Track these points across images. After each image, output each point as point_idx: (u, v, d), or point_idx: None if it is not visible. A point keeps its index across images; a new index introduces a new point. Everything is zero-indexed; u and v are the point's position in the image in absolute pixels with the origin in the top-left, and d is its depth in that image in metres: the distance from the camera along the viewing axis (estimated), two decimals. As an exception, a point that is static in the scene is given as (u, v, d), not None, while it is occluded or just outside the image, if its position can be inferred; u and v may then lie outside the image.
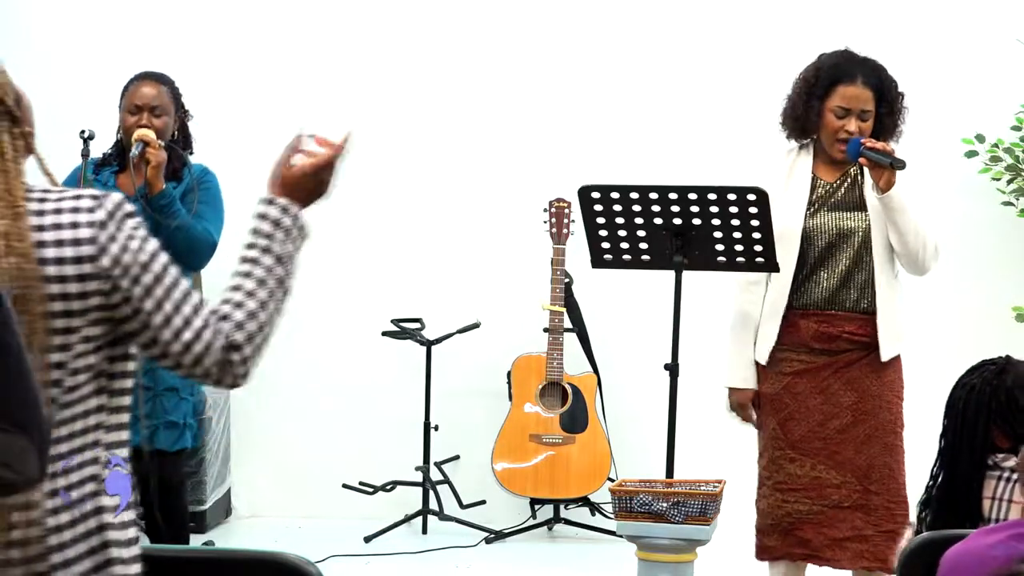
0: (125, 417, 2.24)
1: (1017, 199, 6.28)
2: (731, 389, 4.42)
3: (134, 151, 4.56)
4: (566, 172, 6.34)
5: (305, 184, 2.35)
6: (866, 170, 4.27)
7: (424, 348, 6.34)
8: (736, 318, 4.40)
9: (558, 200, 6.30)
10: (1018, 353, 3.31)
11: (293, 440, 6.63)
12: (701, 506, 3.90)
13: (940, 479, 3.16)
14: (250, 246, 2.28)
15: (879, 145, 4.19)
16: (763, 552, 4.40)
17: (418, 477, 6.30)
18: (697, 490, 3.96)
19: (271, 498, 6.69)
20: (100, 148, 4.83)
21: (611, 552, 5.62)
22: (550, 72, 6.66)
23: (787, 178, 4.32)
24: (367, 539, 6.10)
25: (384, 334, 6.38)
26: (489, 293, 6.59)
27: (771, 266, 4.28)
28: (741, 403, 4.41)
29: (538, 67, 6.66)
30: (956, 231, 6.51)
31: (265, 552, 2.55)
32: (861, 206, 4.30)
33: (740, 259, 4.29)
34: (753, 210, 4.22)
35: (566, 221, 6.27)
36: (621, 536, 4.05)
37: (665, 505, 3.90)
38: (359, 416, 6.63)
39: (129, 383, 2.24)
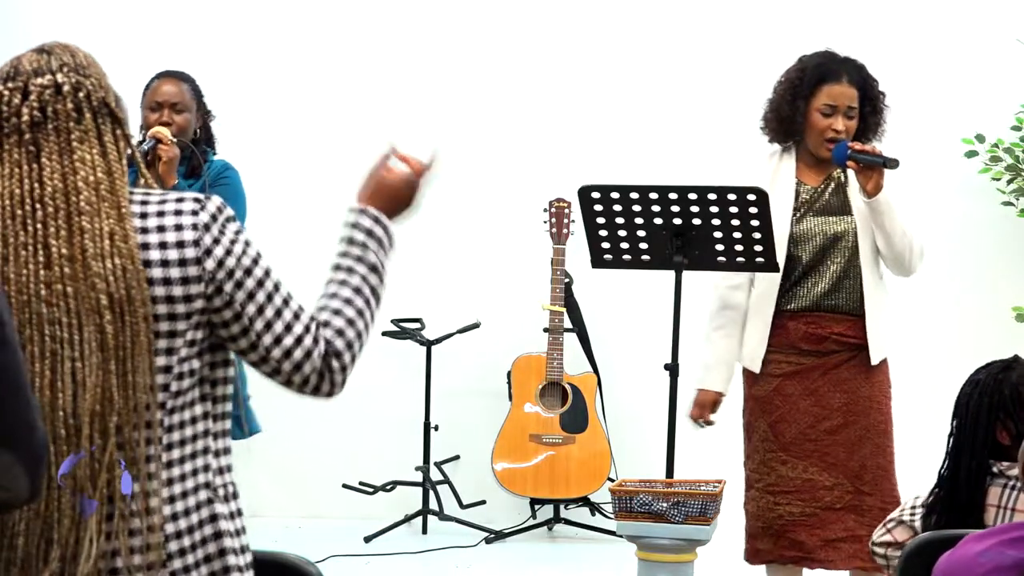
0: (228, 424, 2.22)
1: (1017, 199, 6.28)
2: (699, 389, 4.42)
3: (145, 146, 4.57)
4: (566, 172, 6.34)
5: (397, 197, 2.38)
6: (851, 173, 4.28)
7: (424, 348, 6.34)
8: (715, 320, 4.40)
9: (558, 200, 6.31)
10: (1019, 353, 3.32)
11: (293, 440, 6.63)
12: (701, 506, 3.89)
13: (945, 478, 3.16)
14: (344, 254, 2.28)
15: (867, 147, 4.20)
16: (754, 556, 4.40)
17: (418, 477, 6.31)
18: (697, 490, 3.95)
19: (271, 498, 6.69)
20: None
21: (611, 552, 5.62)
22: (550, 72, 6.66)
23: (771, 183, 4.32)
24: (367, 539, 6.10)
25: (384, 334, 6.38)
26: (489, 293, 6.59)
27: (771, 266, 4.28)
28: (703, 403, 4.40)
29: (538, 67, 6.66)
30: (956, 231, 6.52)
31: (265, 552, 2.54)
32: (847, 210, 4.31)
33: (740, 259, 4.28)
34: (753, 210, 4.22)
35: (566, 221, 6.27)
36: (621, 536, 4.04)
37: (665, 505, 3.89)
38: (359, 416, 6.62)
39: (230, 389, 2.22)
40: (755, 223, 4.22)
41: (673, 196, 4.26)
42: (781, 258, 4.29)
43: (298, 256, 6.32)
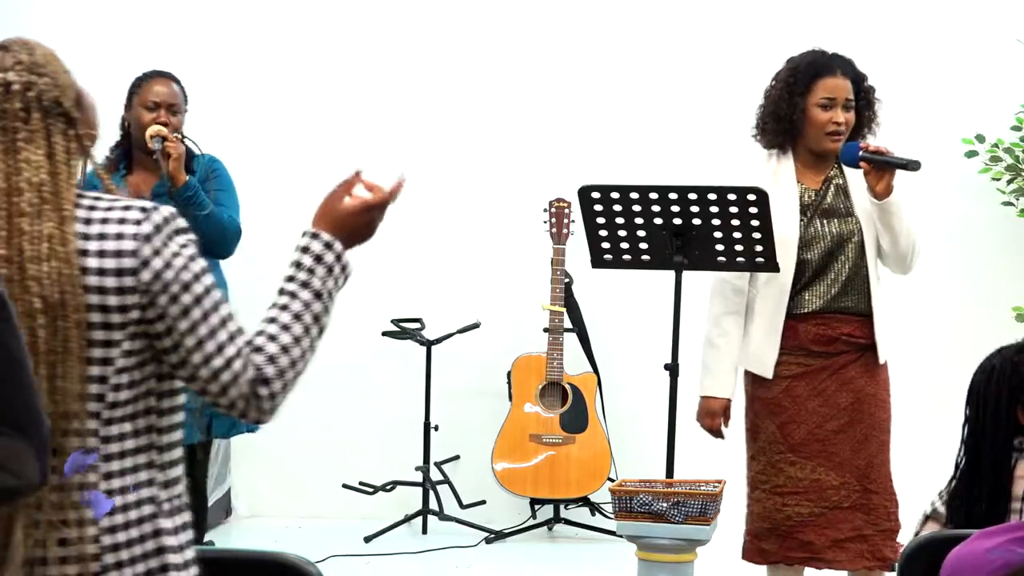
0: (177, 436, 2.19)
1: (1017, 199, 6.28)
2: (705, 397, 4.39)
3: (155, 146, 4.58)
4: (566, 172, 6.34)
5: (351, 224, 2.30)
6: (849, 173, 4.28)
7: (424, 348, 6.34)
8: (711, 328, 4.38)
9: (558, 200, 6.30)
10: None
11: (293, 440, 6.63)
12: (701, 506, 3.89)
13: (964, 464, 3.15)
14: (289, 279, 2.22)
15: (881, 148, 4.19)
16: (758, 555, 4.39)
17: (418, 477, 6.30)
18: (697, 490, 3.95)
19: (271, 498, 6.69)
20: (101, 150, 4.82)
21: (611, 552, 5.62)
22: (550, 72, 6.66)
23: (772, 186, 4.32)
24: (367, 539, 6.10)
25: (384, 334, 6.38)
26: (489, 293, 6.59)
27: (771, 266, 4.28)
28: (713, 411, 4.38)
29: (538, 67, 6.66)
30: (956, 231, 6.52)
31: (265, 552, 2.55)
32: (851, 211, 4.31)
33: (740, 259, 4.28)
34: (753, 210, 4.22)
35: (566, 221, 6.27)
36: (621, 536, 4.04)
37: (665, 505, 3.89)
38: (359, 416, 6.63)
39: (179, 400, 2.19)
40: (755, 223, 4.22)
41: (673, 196, 4.26)
42: (792, 262, 4.28)
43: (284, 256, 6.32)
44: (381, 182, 2.35)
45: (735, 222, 4.23)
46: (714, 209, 4.24)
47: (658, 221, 4.29)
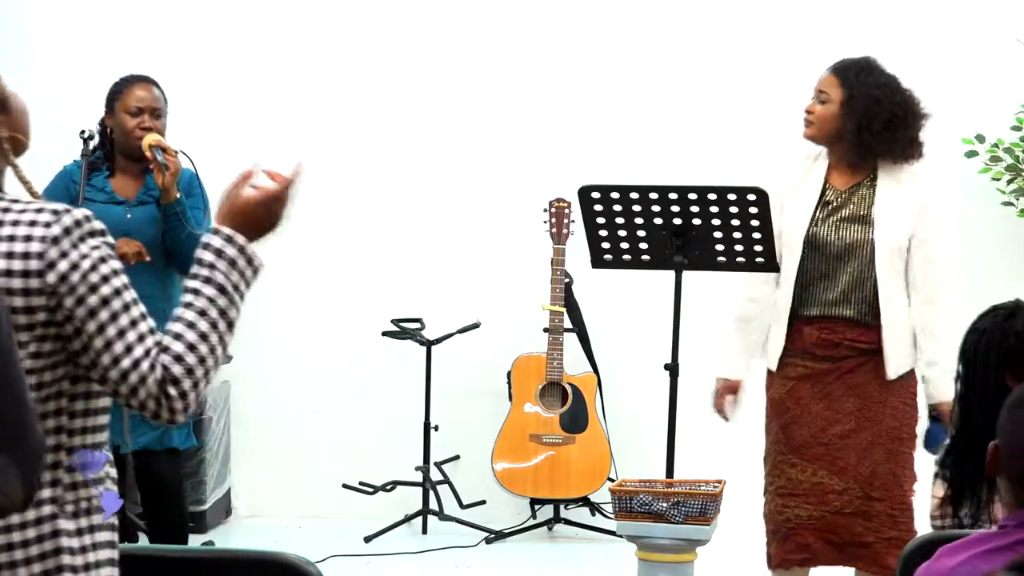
0: (97, 438, 2.18)
1: (1017, 199, 6.28)
2: (719, 378, 4.49)
3: (160, 158, 4.54)
4: (566, 172, 6.34)
5: (253, 215, 2.26)
6: (881, 182, 4.30)
7: (424, 348, 6.34)
8: (737, 314, 4.47)
9: (558, 200, 6.30)
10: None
11: (293, 440, 6.63)
12: (701, 506, 3.89)
13: (958, 422, 3.15)
14: (193, 276, 2.20)
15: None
16: (768, 560, 4.40)
17: (418, 477, 6.30)
18: (697, 490, 3.95)
19: (271, 498, 6.69)
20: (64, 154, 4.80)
21: (611, 552, 5.62)
22: (550, 72, 6.66)
23: (798, 185, 4.33)
24: (367, 539, 6.10)
25: (384, 334, 6.38)
26: (489, 293, 6.59)
27: (771, 266, 4.28)
28: (720, 390, 4.47)
29: (538, 67, 6.66)
30: (956, 231, 6.51)
31: (265, 552, 2.55)
32: (868, 220, 4.30)
33: (740, 259, 4.28)
34: (753, 210, 4.22)
35: (566, 221, 6.27)
36: (621, 536, 4.04)
37: (665, 505, 3.89)
38: (359, 416, 6.62)
39: (100, 402, 2.18)
40: (755, 223, 4.23)
41: (673, 196, 4.26)
42: (796, 260, 4.29)
43: (293, 261, 6.32)
44: (281, 170, 2.32)
45: (735, 222, 4.23)
46: (714, 209, 4.25)
47: (658, 221, 4.29)
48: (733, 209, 4.23)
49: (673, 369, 4.29)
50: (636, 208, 4.30)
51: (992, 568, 2.19)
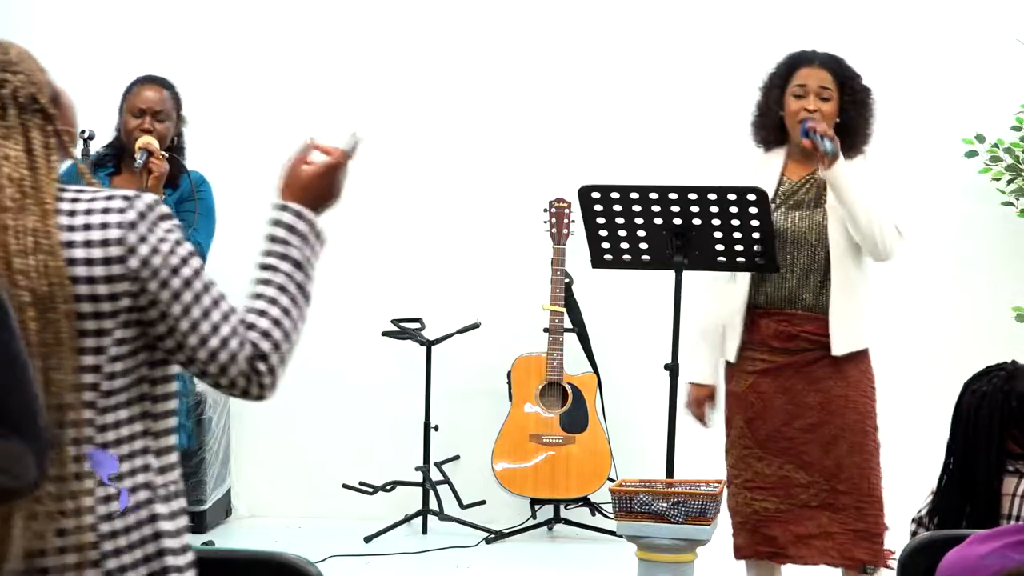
0: (172, 422, 2.21)
1: (1017, 199, 6.28)
2: (691, 384, 4.44)
3: (139, 160, 4.54)
4: (566, 172, 6.34)
5: (315, 188, 2.29)
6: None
7: (424, 348, 6.34)
8: (699, 316, 4.44)
9: (558, 200, 6.30)
10: (1018, 353, 3.31)
11: (293, 440, 6.63)
12: (701, 506, 3.90)
13: (949, 484, 3.15)
14: (267, 253, 2.23)
15: (820, 128, 4.18)
16: (736, 551, 4.43)
17: (418, 477, 6.30)
18: (697, 490, 3.96)
19: (271, 498, 6.69)
20: (96, 149, 4.82)
21: (611, 552, 5.61)
22: (550, 72, 6.66)
23: (755, 177, 4.33)
24: (367, 539, 6.10)
25: (384, 334, 6.38)
26: (489, 293, 6.59)
27: (771, 266, 4.28)
28: (697, 399, 4.43)
29: (538, 67, 6.66)
30: (956, 231, 6.52)
31: (265, 552, 2.55)
32: (819, 204, 4.32)
33: (740, 259, 4.29)
34: (753, 210, 4.22)
35: (566, 221, 6.27)
36: (621, 536, 4.05)
37: (665, 505, 3.90)
38: (359, 416, 6.62)
39: (172, 387, 2.20)
40: (755, 223, 4.23)
41: (673, 196, 4.27)
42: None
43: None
44: (331, 144, 2.35)
45: (735, 222, 4.24)
46: (714, 209, 4.25)
47: (658, 221, 4.29)
48: (733, 209, 4.24)
49: (673, 369, 4.29)
50: (636, 208, 4.30)
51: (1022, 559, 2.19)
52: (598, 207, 4.34)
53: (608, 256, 4.40)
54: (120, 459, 2.12)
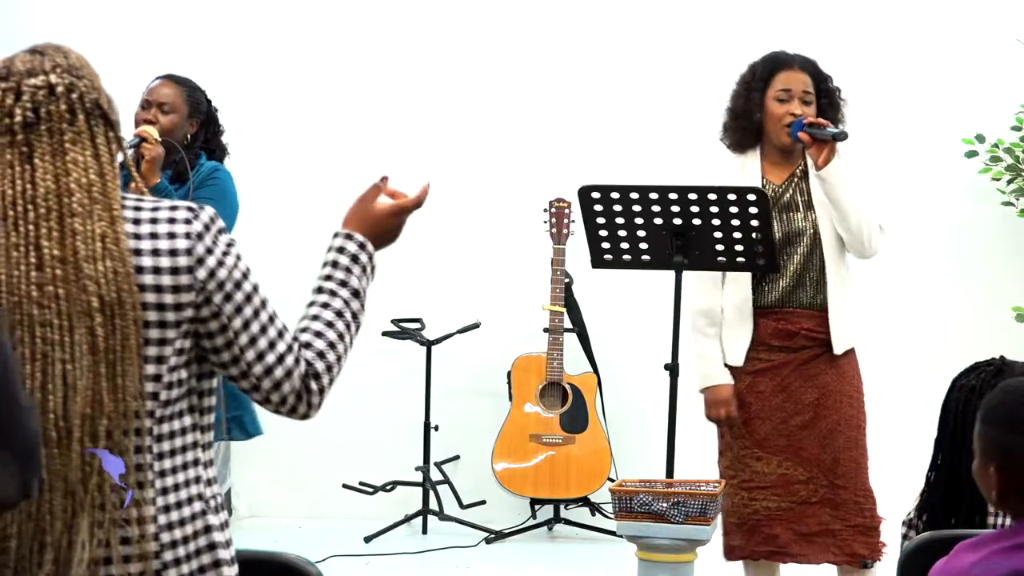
0: (212, 435, 2.22)
1: (1017, 199, 6.28)
2: (709, 388, 4.39)
3: (127, 143, 4.54)
4: (566, 172, 6.34)
5: (383, 226, 2.37)
6: (810, 162, 4.29)
7: (424, 348, 6.34)
8: (698, 319, 4.40)
9: (558, 200, 6.30)
10: (1018, 353, 3.31)
11: (293, 440, 6.62)
12: (701, 506, 3.89)
13: (937, 480, 3.15)
14: (327, 277, 2.29)
15: (820, 120, 4.23)
16: (729, 552, 4.42)
17: (418, 477, 6.30)
18: (697, 490, 3.95)
19: (271, 498, 6.69)
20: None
21: (611, 552, 5.61)
22: (549, 73, 6.66)
23: (738, 182, 4.34)
24: (367, 539, 6.10)
25: (384, 334, 6.37)
26: (489, 293, 6.59)
27: (772, 266, 4.29)
28: (722, 399, 4.36)
29: (538, 68, 6.66)
30: (956, 231, 6.52)
31: (265, 552, 2.55)
32: (809, 204, 4.34)
33: (740, 259, 4.29)
34: (753, 210, 4.23)
35: (566, 221, 6.27)
36: (621, 536, 4.04)
37: (665, 505, 3.89)
38: (359, 416, 6.62)
39: (214, 400, 2.22)
40: (755, 223, 4.23)
41: (673, 196, 4.27)
42: None
43: (297, 262, 6.32)
44: (404, 189, 2.44)
45: (735, 222, 4.24)
46: (714, 209, 4.25)
47: (658, 221, 4.29)
48: (733, 209, 4.24)
49: (673, 369, 4.29)
50: (636, 208, 4.30)
51: (1013, 565, 2.19)
52: (598, 207, 4.34)
53: (608, 256, 4.40)
54: (174, 469, 2.14)
